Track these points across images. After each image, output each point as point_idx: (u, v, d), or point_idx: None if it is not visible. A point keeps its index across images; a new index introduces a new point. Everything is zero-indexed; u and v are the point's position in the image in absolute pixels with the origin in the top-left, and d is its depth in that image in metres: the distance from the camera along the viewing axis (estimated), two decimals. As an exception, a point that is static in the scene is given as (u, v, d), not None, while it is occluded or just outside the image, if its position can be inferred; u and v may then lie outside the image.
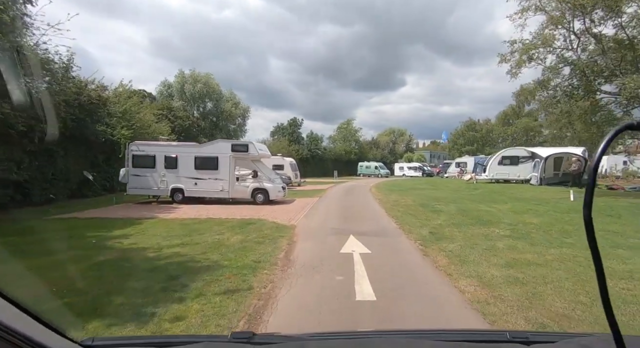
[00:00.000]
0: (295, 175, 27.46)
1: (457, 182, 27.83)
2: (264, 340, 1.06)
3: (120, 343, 1.10)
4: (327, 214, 11.72)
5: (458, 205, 13.03)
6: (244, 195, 14.49)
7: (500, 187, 20.43)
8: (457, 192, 18.45)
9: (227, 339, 1.06)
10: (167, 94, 39.83)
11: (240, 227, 9.05)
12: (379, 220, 10.46)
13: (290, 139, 54.22)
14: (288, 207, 13.79)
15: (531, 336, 1.13)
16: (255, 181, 14.44)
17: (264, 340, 1.05)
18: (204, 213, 11.88)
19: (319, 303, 4.14)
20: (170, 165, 14.35)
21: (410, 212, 11.62)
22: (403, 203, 14.16)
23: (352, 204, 14.52)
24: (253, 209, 12.95)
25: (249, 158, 14.53)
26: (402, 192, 19.51)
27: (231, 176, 14.36)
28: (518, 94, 51.67)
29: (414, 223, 9.35)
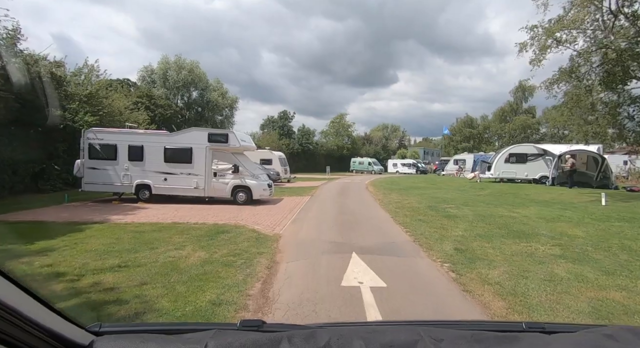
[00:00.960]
0: (285, 170, 25.38)
1: (458, 181, 26.10)
2: (273, 328, 1.05)
3: (127, 330, 1.03)
4: (320, 219, 9.73)
5: (472, 208, 11.18)
6: (222, 193, 12.39)
7: (509, 187, 18.72)
8: (463, 192, 16.65)
9: (237, 327, 1.06)
10: (149, 80, 37.08)
11: (209, 238, 7.00)
12: (384, 228, 8.51)
13: (280, 132, 52.02)
14: (274, 208, 11.75)
15: (548, 326, 1.11)
16: (236, 177, 12.34)
17: (273, 328, 1.04)
18: (170, 215, 9.77)
19: None
20: (134, 157, 12.14)
21: (420, 216, 9.71)
22: (407, 205, 12.26)
23: (349, 205, 12.56)
24: (232, 211, 10.88)
25: (229, 150, 12.41)
26: (403, 191, 17.64)
27: (207, 171, 12.23)
28: (516, 91, 50.55)
29: (431, 234, 7.43)
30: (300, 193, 16.83)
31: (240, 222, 8.91)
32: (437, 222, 9.02)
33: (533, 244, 6.57)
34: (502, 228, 8.07)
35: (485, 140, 52.88)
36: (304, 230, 8.04)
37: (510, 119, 47.93)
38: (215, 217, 9.73)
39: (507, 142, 48.18)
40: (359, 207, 12.23)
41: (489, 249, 6.24)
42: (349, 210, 11.36)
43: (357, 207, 12.02)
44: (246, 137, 13.81)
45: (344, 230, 8.05)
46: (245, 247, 6.36)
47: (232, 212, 10.58)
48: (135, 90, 32.48)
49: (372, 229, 8.25)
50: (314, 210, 11.39)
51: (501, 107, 49.19)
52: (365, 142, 69.93)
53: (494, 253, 5.98)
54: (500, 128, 49.06)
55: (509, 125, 46.84)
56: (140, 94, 31.54)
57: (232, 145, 12.26)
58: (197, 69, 38.93)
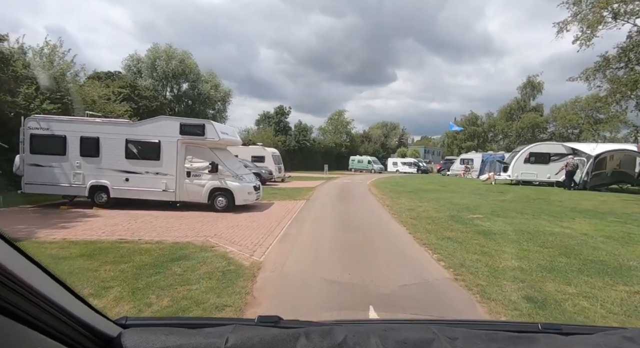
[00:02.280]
0: (279, 169, 23.08)
1: (470, 182, 23.82)
2: (289, 324, 1.05)
3: (152, 323, 1.04)
4: (317, 236, 7.47)
5: (507, 220, 8.98)
6: (197, 197, 10.10)
7: (533, 191, 16.53)
8: (482, 197, 14.45)
9: (254, 323, 1.06)
10: (135, 70, 34.56)
11: (155, 271, 4.75)
12: (406, 253, 6.26)
13: (276, 128, 49.64)
14: (260, 217, 9.49)
15: (565, 328, 1.08)
16: (214, 178, 10.05)
17: (289, 325, 1.04)
18: (122, 228, 7.49)
19: None
20: (88, 152, 9.81)
21: (447, 232, 7.49)
22: (424, 214, 10.03)
23: (353, 214, 10.31)
24: (206, 221, 8.61)
25: (206, 144, 10.11)
26: (412, 194, 15.41)
27: (179, 170, 9.93)
28: (524, 87, 48.46)
29: (474, 265, 5.20)
30: (295, 196, 14.57)
31: (210, 240, 6.64)
32: (472, 241, 6.79)
33: (638, 289, 4.36)
34: (569, 254, 5.85)
35: (490, 139, 50.70)
36: (294, 257, 5.77)
37: (517, 116, 45.76)
38: (181, 230, 7.46)
39: (514, 141, 46.13)
40: (365, 216, 9.97)
41: (580, 300, 4.02)
42: (353, 221, 9.10)
43: (363, 217, 9.77)
44: (229, 129, 11.49)
45: (350, 257, 5.80)
46: (202, 291, 4.11)
47: (206, 223, 8.31)
48: (117, 80, 29.96)
49: (389, 255, 5.99)
50: (309, 220, 9.13)
51: (508, 104, 47.01)
52: (364, 140, 67.69)
53: (593, 310, 3.76)
54: (506, 126, 46.87)
55: (516, 123, 44.67)
56: (122, 84, 29.06)
57: (209, 139, 9.96)
58: (188, 59, 36.48)
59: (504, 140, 48.74)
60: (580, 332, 1.06)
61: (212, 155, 10.11)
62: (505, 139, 48.61)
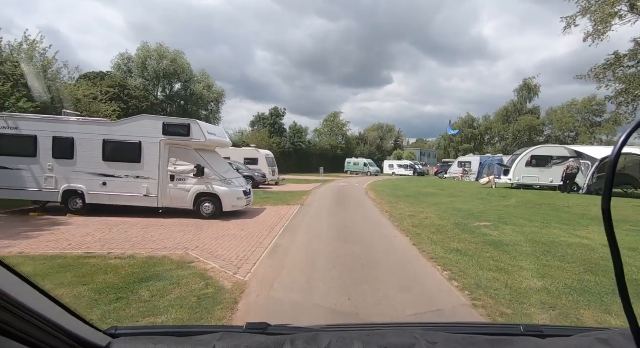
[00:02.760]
0: (273, 171, 22.32)
1: (469, 186, 23.20)
2: (277, 330, 1.06)
3: (142, 333, 1.02)
4: (312, 249, 6.72)
5: (517, 229, 8.32)
6: (182, 203, 9.31)
7: (537, 196, 15.91)
8: (485, 202, 13.80)
9: (243, 330, 1.06)
10: (125, 69, 33.62)
11: (117, 296, 3.97)
12: (413, 270, 5.53)
13: (271, 130, 48.85)
14: (249, 225, 8.72)
15: (545, 330, 1.09)
16: (200, 182, 9.27)
17: (278, 331, 1.05)
18: (93, 239, 6.69)
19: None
20: (62, 153, 8.99)
21: (454, 244, 6.80)
22: (427, 221, 9.34)
23: (351, 222, 9.58)
24: (189, 230, 7.83)
25: (191, 145, 9.34)
26: (411, 199, 14.73)
27: (162, 173, 9.15)
28: (520, 89, 48.24)
29: (492, 286, 4.50)
30: (289, 200, 13.81)
31: (191, 254, 5.87)
32: (483, 254, 6.10)
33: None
34: (595, 272, 5.17)
35: (487, 141, 50.34)
36: (285, 275, 5.02)
37: (514, 119, 45.45)
38: (160, 241, 6.67)
39: (511, 144, 45.80)
40: (363, 224, 9.25)
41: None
42: (351, 230, 8.36)
43: (361, 225, 9.04)
44: (217, 130, 10.71)
45: (349, 275, 5.06)
46: (174, 319, 3.35)
47: (189, 232, 7.53)
48: (107, 79, 29.03)
49: (393, 273, 5.25)
50: (303, 229, 8.38)
51: (505, 106, 46.70)
52: (360, 142, 67.12)
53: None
54: (503, 129, 46.52)
55: (513, 126, 44.34)
56: (111, 84, 28.15)
57: (195, 140, 9.19)
58: (180, 58, 35.60)
59: (501, 142, 48.41)
60: (560, 333, 1.07)
61: (198, 157, 9.33)
62: (501, 141, 48.26)
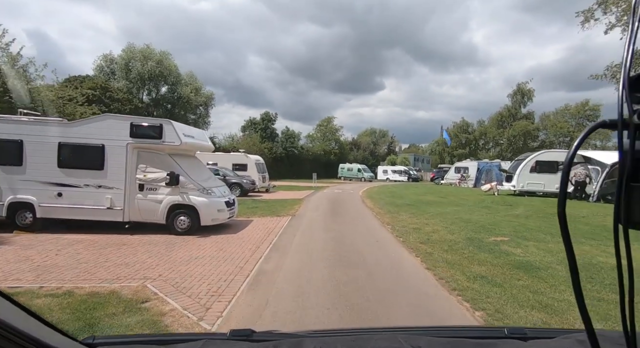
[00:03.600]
0: (263, 178, 21.05)
1: (470, 193, 22.11)
2: (262, 337, 1.04)
3: (120, 342, 1.01)
4: (301, 273, 5.48)
5: (540, 246, 7.21)
6: (152, 216, 8.00)
7: (544, 203, 14.91)
8: (492, 211, 12.74)
9: (226, 337, 1.04)
10: (108, 71, 32.13)
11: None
12: (437, 309, 4.32)
13: (262, 134, 47.51)
14: (230, 242, 7.45)
15: (529, 332, 1.09)
16: (174, 192, 7.99)
17: (262, 338, 1.03)
18: (29, 266, 5.36)
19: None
20: (7, 159, 7.64)
21: (475, 267, 5.64)
22: (435, 236, 8.19)
23: (349, 238, 8.38)
24: (157, 250, 6.53)
25: (164, 149, 8.07)
26: (412, 208, 13.60)
27: (129, 182, 7.85)
28: (514, 94, 47.89)
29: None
30: (279, 210, 12.56)
31: (149, 287, 4.59)
32: (514, 282, 4.95)
33: None
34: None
35: (481, 146, 49.78)
36: (267, 318, 3.76)
37: (508, 124, 44.99)
38: (115, 268, 5.37)
39: (506, 149, 45.29)
40: (364, 241, 8.04)
41: None
42: (350, 249, 7.14)
43: (362, 243, 7.82)
44: (195, 132, 9.43)
45: (352, 316, 3.83)
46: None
47: (155, 254, 6.24)
48: (87, 81, 27.53)
49: (410, 315, 4.03)
50: (293, 247, 7.14)
51: (499, 111, 46.25)
52: (353, 147, 66.20)
53: None
54: (498, 134, 46.00)
55: (508, 131, 43.83)
56: (92, 86, 26.66)
57: (168, 143, 7.92)
58: (167, 60, 34.25)
59: (495, 148, 47.90)
60: (542, 336, 1.06)
61: (171, 163, 8.06)
62: (496, 146, 47.74)
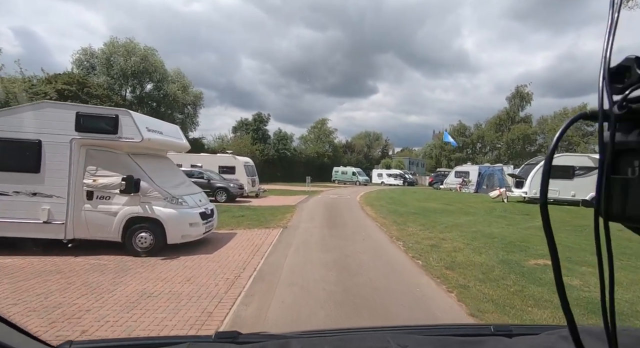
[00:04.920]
0: (252, 181, 19.33)
1: (476, 199, 20.56)
2: (248, 339, 1.01)
3: (99, 346, 1.00)
4: (297, 325, 3.82)
5: (589, 272, 5.66)
6: (104, 232, 6.26)
7: (561, 212, 13.48)
8: (510, 222, 11.25)
9: (211, 339, 1.01)
10: (87, 65, 30.09)
11: None
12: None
13: (254, 136, 45.71)
14: (202, 267, 5.73)
15: (515, 329, 1.10)
16: (133, 201, 6.27)
17: (248, 340, 1.00)
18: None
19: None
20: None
21: (535, 312, 4.06)
22: (459, 257, 6.61)
23: (354, 260, 6.74)
24: (98, 281, 4.81)
25: (122, 147, 6.36)
26: (419, 218, 12.04)
27: (74, 188, 6.11)
28: (513, 97, 46.99)
29: None
30: (268, 219, 10.88)
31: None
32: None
33: None
34: None
35: (478, 150, 48.76)
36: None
37: (507, 127, 44.06)
38: (18, 319, 3.64)
39: (505, 153, 44.30)
40: (374, 265, 6.39)
41: None
42: (359, 282, 5.48)
43: (371, 268, 6.18)
44: (165, 127, 7.65)
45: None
46: None
47: (93, 290, 4.52)
48: (63, 76, 25.50)
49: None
50: (284, 277, 5.46)
51: (497, 114, 45.31)
52: (347, 150, 64.80)
53: None
54: (496, 137, 45.02)
55: (506, 135, 42.87)
56: (68, 81, 24.68)
57: (126, 139, 6.21)
58: (152, 56, 32.31)
59: (493, 151, 46.92)
60: (527, 332, 1.06)
61: (131, 164, 6.35)
62: (494, 150, 46.76)
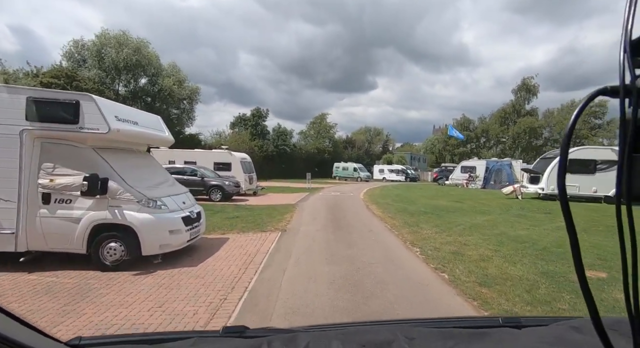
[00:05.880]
0: (250, 178, 18.24)
1: (487, 196, 19.43)
2: (255, 333, 1.01)
3: (108, 342, 0.97)
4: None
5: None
6: (65, 242, 5.19)
7: (589, 211, 12.43)
8: (533, 223, 10.20)
9: (219, 334, 1.02)
10: (78, 57, 28.89)
11: None
12: None
13: (253, 132, 44.55)
14: (181, 287, 4.66)
15: (524, 321, 1.09)
16: (99, 205, 5.20)
17: (255, 334, 1.01)
18: None
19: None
20: None
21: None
22: (491, 268, 5.56)
23: (367, 273, 5.69)
24: (47, 310, 3.74)
25: (85, 140, 5.27)
26: (431, 217, 10.97)
27: (27, 190, 5.03)
28: (519, 89, 45.75)
29: None
30: (265, 221, 9.82)
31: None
32: None
33: None
34: None
35: (482, 144, 47.61)
36: None
37: (512, 121, 42.89)
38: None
39: (510, 147, 43.18)
40: (391, 280, 5.33)
41: None
42: (374, 300, 4.43)
43: (389, 283, 5.11)
44: (142, 117, 6.51)
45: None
46: None
47: (40, 317, 3.45)
48: (51, 69, 24.33)
49: None
50: (281, 302, 4.40)
51: (502, 108, 44.11)
52: (348, 146, 63.64)
53: None
54: (501, 131, 43.84)
55: (512, 128, 41.70)
56: (56, 74, 23.52)
57: (90, 129, 5.13)
58: (145, 49, 31.09)
59: (497, 145, 45.78)
60: (537, 324, 1.06)
61: (96, 161, 5.26)
62: (498, 144, 45.62)
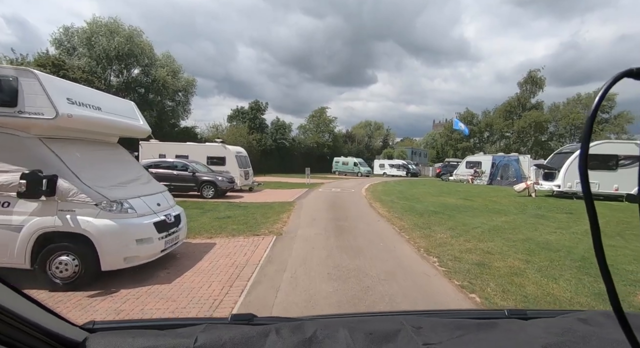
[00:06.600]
0: (245, 174, 17.20)
1: (497, 193, 18.24)
2: (263, 321, 1.04)
3: (121, 326, 1.00)
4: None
5: None
6: (3, 255, 4.16)
7: (613, 211, 11.42)
8: (557, 224, 9.19)
9: (228, 321, 1.04)
10: (68, 45, 27.60)
11: None
12: None
13: (251, 125, 43.35)
14: (146, 312, 3.66)
15: (530, 313, 1.11)
16: (46, 209, 4.16)
17: (263, 322, 1.03)
18: None
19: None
20: None
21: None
22: (529, 286, 4.55)
23: (380, 296, 4.69)
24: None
25: (28, 128, 4.21)
26: (442, 218, 9.97)
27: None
28: (524, 82, 44.44)
29: None
30: (259, 222, 8.81)
31: None
32: None
33: None
34: None
35: (486, 139, 46.53)
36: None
37: (517, 115, 41.77)
38: None
39: (515, 141, 42.14)
40: (412, 308, 4.32)
41: None
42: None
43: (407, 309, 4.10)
44: (107, 100, 5.39)
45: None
46: None
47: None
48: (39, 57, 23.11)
49: None
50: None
51: (507, 101, 42.92)
52: (347, 140, 62.53)
53: None
54: (506, 125, 42.71)
55: (517, 123, 40.57)
56: (42, 62, 22.31)
57: (31, 114, 4.07)
58: (138, 37, 29.80)
59: (502, 140, 44.71)
60: (543, 316, 1.07)
61: (43, 154, 4.22)
62: (502, 139, 44.54)
